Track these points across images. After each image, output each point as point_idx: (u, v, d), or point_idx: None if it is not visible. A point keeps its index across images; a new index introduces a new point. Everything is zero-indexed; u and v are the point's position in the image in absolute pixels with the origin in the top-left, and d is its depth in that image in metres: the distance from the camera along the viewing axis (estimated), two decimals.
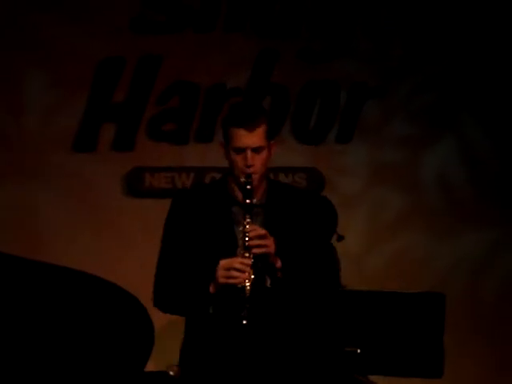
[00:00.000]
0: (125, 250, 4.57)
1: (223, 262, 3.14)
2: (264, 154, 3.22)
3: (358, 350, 2.82)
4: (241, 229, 3.16)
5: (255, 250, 3.11)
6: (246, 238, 3.13)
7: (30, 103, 4.63)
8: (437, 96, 4.72)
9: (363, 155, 4.70)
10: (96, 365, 2.86)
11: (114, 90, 4.63)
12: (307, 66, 4.68)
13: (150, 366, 3.05)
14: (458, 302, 4.43)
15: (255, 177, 3.20)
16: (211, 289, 3.16)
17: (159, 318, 3.67)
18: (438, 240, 4.68)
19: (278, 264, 3.18)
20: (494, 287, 4.68)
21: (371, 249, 4.65)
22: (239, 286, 3.10)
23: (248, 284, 3.08)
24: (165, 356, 3.31)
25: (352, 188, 4.69)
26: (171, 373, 3.08)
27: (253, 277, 3.09)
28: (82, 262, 4.05)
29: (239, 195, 3.24)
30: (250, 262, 3.10)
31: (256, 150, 3.19)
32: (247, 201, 3.16)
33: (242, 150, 3.20)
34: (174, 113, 4.66)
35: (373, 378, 3.14)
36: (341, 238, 4.12)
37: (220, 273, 3.14)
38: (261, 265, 3.15)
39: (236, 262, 3.12)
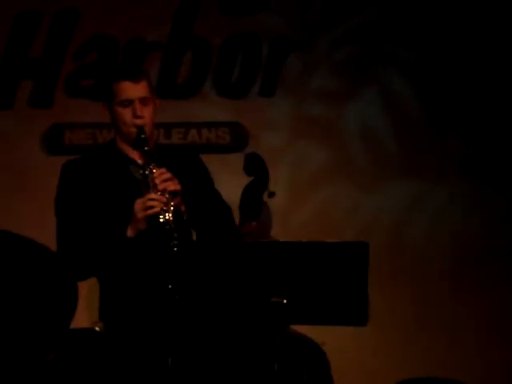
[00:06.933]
0: (45, 208, 4.49)
1: (138, 200, 3.12)
2: (150, 107, 3.21)
3: (285, 301, 2.83)
4: (147, 172, 3.13)
5: (169, 189, 3.09)
6: (157, 181, 3.10)
7: None
8: (358, 48, 4.73)
9: (286, 109, 4.71)
10: (20, 323, 2.84)
11: (30, 46, 4.55)
12: (229, 19, 4.65)
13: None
14: (381, 252, 4.49)
15: (147, 129, 3.19)
16: (129, 232, 3.13)
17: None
18: (361, 192, 4.71)
19: (183, 207, 3.17)
20: (416, 237, 4.73)
21: (296, 202, 4.67)
22: (161, 219, 3.07)
23: (170, 215, 3.07)
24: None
25: (276, 142, 4.69)
26: (97, 328, 3.09)
27: (172, 208, 3.08)
28: (3, 221, 4.01)
29: (133, 154, 3.22)
30: (164, 197, 3.09)
31: (143, 102, 3.18)
32: (145, 148, 3.15)
33: (129, 103, 3.18)
34: (93, 68, 4.60)
35: (299, 327, 3.17)
36: (271, 195, 4.16)
37: (137, 208, 3.11)
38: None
39: (150, 195, 3.11)
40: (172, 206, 3.10)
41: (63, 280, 2.92)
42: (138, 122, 3.18)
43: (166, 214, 3.08)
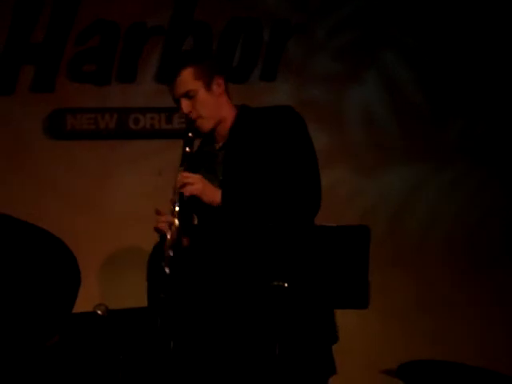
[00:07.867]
0: (49, 193, 4.52)
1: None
2: (200, 95, 3.17)
3: (286, 285, 2.83)
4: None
5: (185, 193, 3.08)
6: (176, 184, 3.09)
7: None
8: (359, 32, 4.72)
9: (288, 93, 4.68)
10: (23, 307, 2.85)
11: (32, 31, 4.53)
12: (230, 3, 4.63)
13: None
14: (382, 237, 4.49)
15: (202, 121, 3.17)
16: None
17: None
18: (362, 176, 4.71)
19: (217, 198, 3.10)
20: (417, 222, 4.73)
21: None
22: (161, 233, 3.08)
23: (169, 232, 3.05)
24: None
25: None
26: (99, 312, 3.09)
27: (178, 224, 3.05)
28: (6, 207, 4.02)
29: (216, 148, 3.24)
30: (171, 213, 3.06)
31: (187, 96, 3.16)
32: (187, 149, 3.13)
33: (178, 102, 3.18)
34: (94, 53, 4.58)
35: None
36: None
37: None
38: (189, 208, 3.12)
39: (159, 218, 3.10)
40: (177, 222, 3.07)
41: (65, 264, 2.93)
42: (190, 117, 3.17)
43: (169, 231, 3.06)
